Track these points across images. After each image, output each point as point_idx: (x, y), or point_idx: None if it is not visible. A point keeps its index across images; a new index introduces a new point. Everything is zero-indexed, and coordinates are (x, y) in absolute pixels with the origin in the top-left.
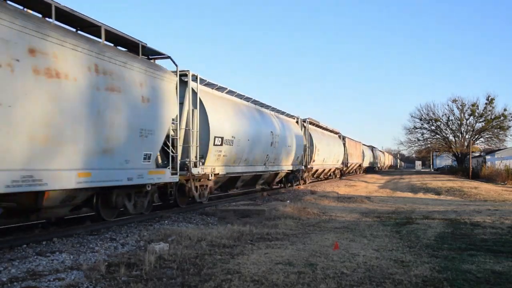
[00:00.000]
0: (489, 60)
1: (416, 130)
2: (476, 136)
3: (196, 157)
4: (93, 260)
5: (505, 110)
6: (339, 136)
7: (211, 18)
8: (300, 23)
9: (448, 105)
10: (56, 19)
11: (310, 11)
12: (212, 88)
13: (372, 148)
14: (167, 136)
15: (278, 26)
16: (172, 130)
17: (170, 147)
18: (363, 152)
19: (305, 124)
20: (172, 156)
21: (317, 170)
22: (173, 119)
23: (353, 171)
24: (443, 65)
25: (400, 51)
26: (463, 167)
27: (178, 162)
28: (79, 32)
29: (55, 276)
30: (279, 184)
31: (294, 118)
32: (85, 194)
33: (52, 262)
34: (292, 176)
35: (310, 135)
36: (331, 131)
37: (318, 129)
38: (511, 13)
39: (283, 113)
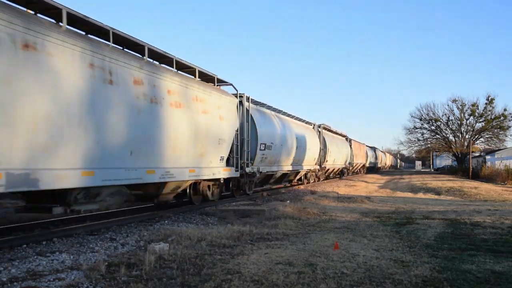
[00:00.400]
0: (489, 60)
1: (416, 130)
2: (476, 136)
3: (247, 159)
4: (93, 260)
5: (505, 110)
6: (346, 139)
7: (209, 22)
8: (299, 23)
9: (448, 105)
10: (160, 62)
11: (307, 11)
12: (256, 105)
13: (374, 149)
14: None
15: (276, 27)
16: (234, 138)
17: (234, 151)
18: (366, 153)
19: (319, 129)
20: (233, 158)
21: (329, 169)
22: (235, 131)
23: (357, 171)
24: (443, 65)
25: (400, 51)
26: (463, 167)
27: (239, 163)
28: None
29: (55, 276)
30: (298, 181)
31: (311, 125)
32: (186, 184)
33: (52, 262)
34: (310, 175)
35: (324, 138)
36: (340, 134)
37: (329, 133)
38: (511, 13)
39: (303, 120)
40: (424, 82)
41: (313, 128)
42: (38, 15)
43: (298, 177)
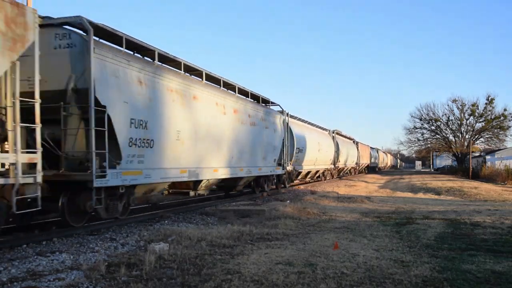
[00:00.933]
0: (489, 60)
1: (416, 130)
2: (476, 136)
3: (287, 159)
4: (93, 260)
5: (505, 110)
6: (354, 142)
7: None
8: (298, 22)
9: (448, 105)
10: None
11: (305, 11)
12: (291, 118)
13: (377, 150)
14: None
15: (274, 28)
16: (281, 145)
17: (280, 154)
18: (370, 154)
19: (333, 134)
20: (279, 159)
21: (340, 168)
22: (282, 139)
23: (362, 170)
24: (443, 65)
25: (400, 51)
26: (463, 167)
27: (285, 163)
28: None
29: (55, 276)
30: (317, 178)
31: (326, 131)
32: (252, 179)
33: (52, 262)
34: (326, 173)
35: (337, 142)
36: (348, 138)
37: (341, 137)
38: (511, 13)
39: (321, 127)
40: (424, 82)
41: (329, 133)
42: (186, 73)
43: (317, 174)
